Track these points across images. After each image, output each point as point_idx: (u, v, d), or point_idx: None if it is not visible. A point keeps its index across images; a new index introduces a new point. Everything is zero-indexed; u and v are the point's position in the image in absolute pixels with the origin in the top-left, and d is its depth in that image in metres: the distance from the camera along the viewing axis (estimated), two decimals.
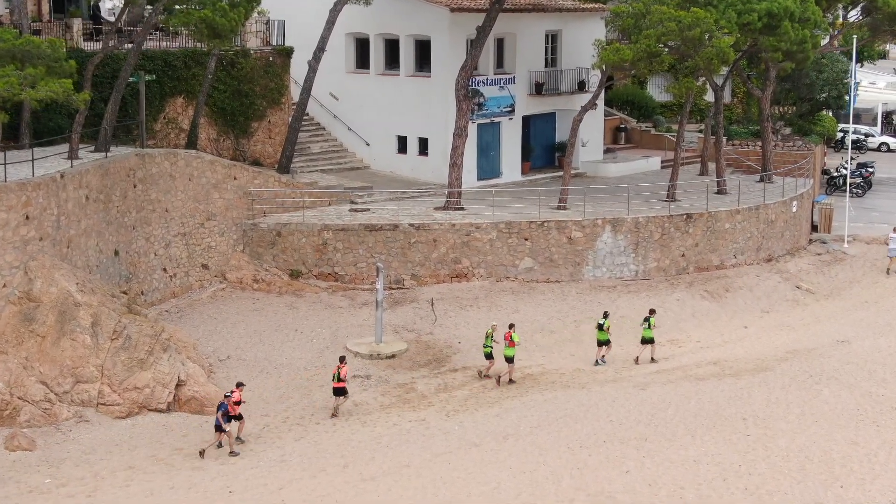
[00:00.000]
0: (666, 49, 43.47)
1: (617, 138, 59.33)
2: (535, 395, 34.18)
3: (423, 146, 48.82)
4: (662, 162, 54.77)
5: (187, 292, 39.40)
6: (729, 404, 33.04)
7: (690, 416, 32.25)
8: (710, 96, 54.22)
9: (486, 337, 35.75)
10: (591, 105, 45.15)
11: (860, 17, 53.88)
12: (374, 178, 48.13)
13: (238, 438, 29.74)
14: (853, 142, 68.44)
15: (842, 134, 72.11)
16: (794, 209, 48.01)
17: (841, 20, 54.32)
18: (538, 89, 50.35)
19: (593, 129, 53.57)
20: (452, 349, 37.90)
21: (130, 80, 39.07)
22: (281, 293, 40.40)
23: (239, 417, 29.82)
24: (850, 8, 52.42)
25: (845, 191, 57.43)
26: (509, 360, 35.30)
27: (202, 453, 29.06)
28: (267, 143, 46.43)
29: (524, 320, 39.86)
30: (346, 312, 39.29)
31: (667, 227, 43.98)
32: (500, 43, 49.34)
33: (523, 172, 51.04)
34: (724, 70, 48.94)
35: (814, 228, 51.59)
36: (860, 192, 59.12)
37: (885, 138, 76.73)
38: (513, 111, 49.78)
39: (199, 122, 42.71)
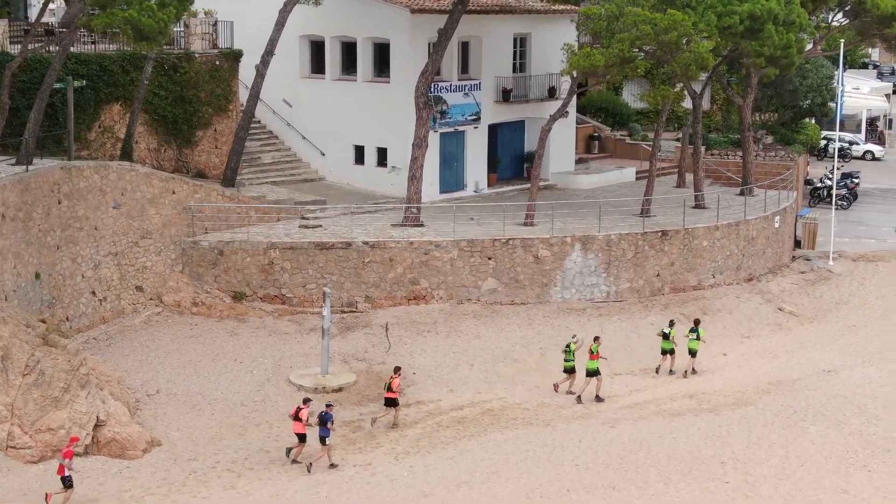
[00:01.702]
0: (641, 54, 40.45)
1: (590, 147, 56.40)
2: (494, 435, 31.15)
3: (382, 156, 45.72)
4: (638, 172, 51.87)
5: (118, 317, 36.16)
6: (706, 445, 30.12)
7: (664, 458, 29.32)
8: (688, 103, 51.33)
9: (568, 350, 34.37)
10: (562, 113, 42.19)
11: (846, 20, 51.03)
12: (329, 191, 44.98)
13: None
14: (837, 150, 65.76)
15: (825, 142, 69.46)
16: (777, 224, 45.13)
17: (827, 23, 51.38)
18: (505, 96, 47.32)
19: (565, 138, 50.61)
20: (407, 381, 34.83)
21: (57, 85, 35.88)
22: (222, 317, 37.21)
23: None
24: (837, 10, 49.47)
25: (830, 203, 54.71)
26: (592, 373, 33.77)
27: (309, 467, 28.06)
28: (213, 154, 43.24)
29: (485, 347, 36.92)
30: (291, 339, 36.15)
31: (641, 245, 41.03)
32: (464, 47, 46.32)
33: (489, 184, 48.00)
34: (703, 76, 46.04)
35: (797, 244, 48.77)
36: (845, 204, 56.33)
37: (870, 146, 74.06)
38: (478, 119, 46.76)
39: (134, 131, 39.51)
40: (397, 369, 32.45)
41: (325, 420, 28.54)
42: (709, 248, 42.28)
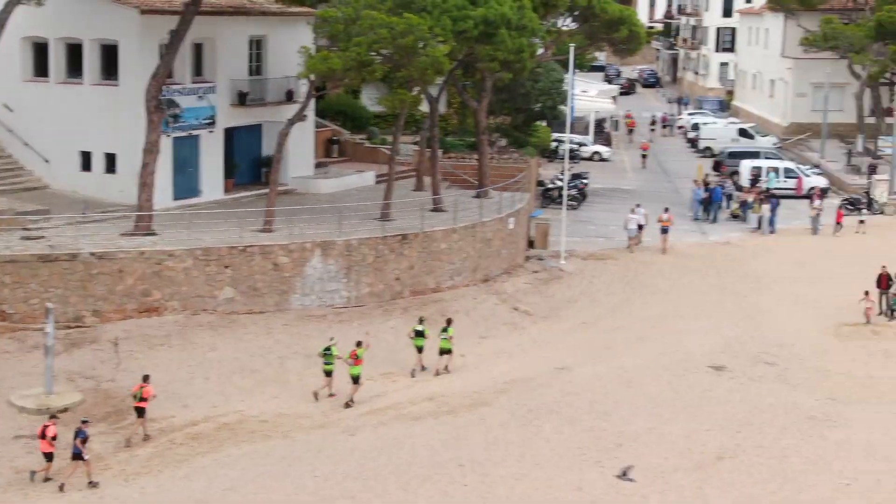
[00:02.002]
0: (378, 58, 40.36)
1: (330, 151, 56.04)
2: (230, 450, 30.28)
3: (111, 163, 43.85)
4: (377, 176, 51.88)
5: None
6: (445, 448, 30.27)
7: (404, 465, 29.26)
8: (425, 107, 51.75)
9: (326, 353, 33.96)
10: (300, 117, 41.63)
11: (576, 25, 52.72)
12: (54, 200, 42.74)
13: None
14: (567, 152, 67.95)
15: (556, 144, 71.66)
16: (511, 226, 46.13)
17: (557, 28, 52.91)
18: (242, 99, 46.33)
19: (303, 142, 50.02)
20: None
21: None
22: None
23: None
24: (567, 15, 51.03)
25: (560, 203, 56.37)
26: (356, 379, 33.60)
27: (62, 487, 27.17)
28: None
29: (222, 359, 35.93)
30: (13, 358, 34.08)
31: (381, 250, 41.02)
32: (197, 48, 45.01)
33: (226, 190, 46.91)
34: (440, 80, 46.54)
35: (530, 244, 50.02)
36: (575, 204, 58.26)
37: (598, 147, 76.99)
38: (213, 123, 45.58)
39: None
40: (146, 378, 31.43)
41: (79, 436, 27.75)
42: (447, 250, 42.73)
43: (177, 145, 44.32)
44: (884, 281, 41.44)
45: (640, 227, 51.21)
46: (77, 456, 27.71)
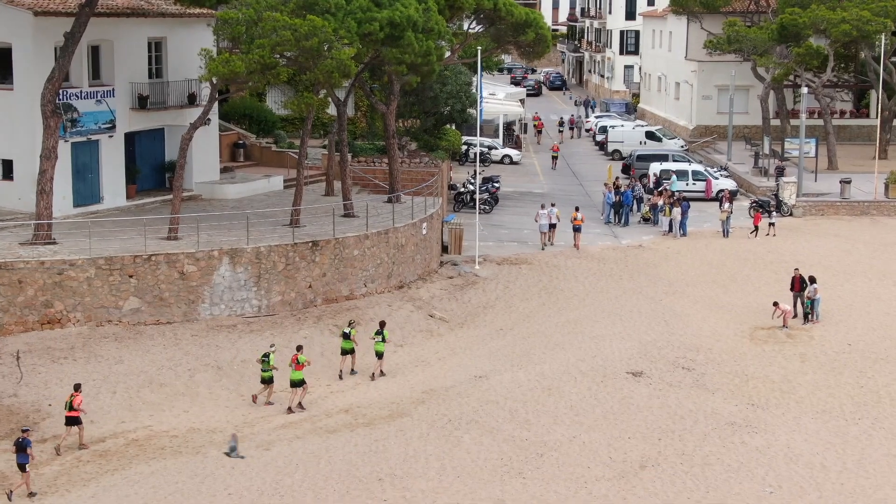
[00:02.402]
0: (283, 60, 39.24)
1: (235, 155, 54.69)
2: (140, 467, 29.05)
3: (8, 169, 42.01)
4: (285, 181, 50.74)
5: None
6: (363, 462, 29.34)
7: (321, 479, 28.30)
8: (332, 110, 50.77)
9: (264, 360, 33.65)
10: (203, 121, 40.33)
11: (482, 28, 52.13)
12: None
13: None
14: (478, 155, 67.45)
15: (466, 147, 71.17)
16: (424, 231, 45.33)
17: (464, 30, 52.26)
18: (142, 103, 44.79)
19: (208, 147, 48.65)
20: (42, 413, 32.02)
21: None
22: None
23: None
24: (473, 18, 50.36)
25: (473, 207, 55.78)
26: (297, 384, 33.44)
27: (9, 496, 26.97)
28: None
29: (129, 372, 34.61)
30: None
31: (291, 257, 39.91)
32: (95, 51, 43.39)
33: (129, 196, 45.32)
34: (347, 83, 45.57)
35: (444, 250, 49.28)
36: (487, 208, 57.69)
37: (508, 150, 76.64)
38: (113, 128, 43.98)
39: None
40: (77, 386, 30.86)
41: (23, 446, 27.65)
42: (360, 257, 41.78)
43: (76, 151, 42.71)
44: (797, 283, 41.50)
45: (553, 225, 51.65)
46: (22, 466, 27.69)
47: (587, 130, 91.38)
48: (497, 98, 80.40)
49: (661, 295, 44.68)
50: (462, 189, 59.03)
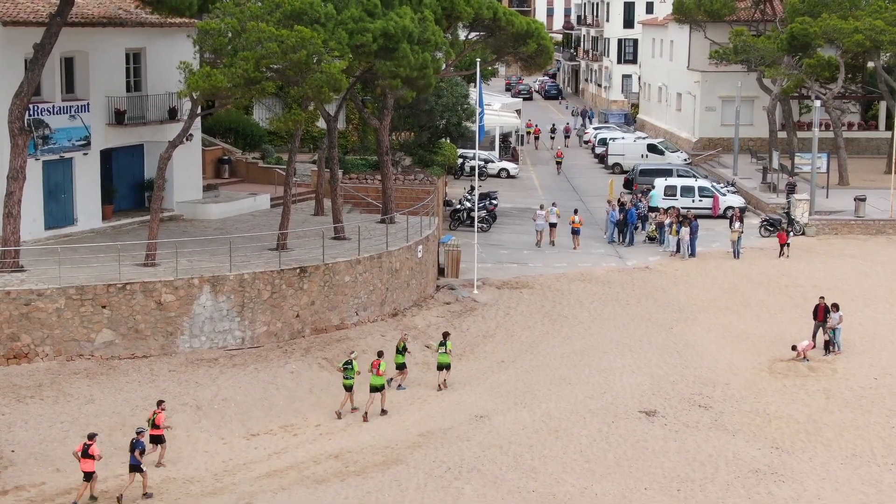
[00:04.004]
0: (269, 73, 36.49)
1: (220, 171, 51.93)
2: None
3: None
4: (273, 200, 48.04)
5: None
6: None
7: None
8: (322, 123, 48.05)
9: (347, 367, 33.08)
10: (182, 139, 37.63)
11: (481, 38, 49.45)
12: None
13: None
14: (473, 169, 64.92)
15: (462, 160, 68.60)
16: (420, 255, 42.65)
17: (462, 40, 49.58)
18: (119, 118, 42.04)
19: (190, 163, 45.94)
20: (4, 461, 29.22)
21: None
22: None
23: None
24: (472, 28, 47.67)
25: (470, 225, 53.22)
26: (376, 389, 32.97)
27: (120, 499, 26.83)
28: None
29: (100, 413, 31.90)
30: None
31: (278, 284, 37.22)
32: (68, 63, 40.70)
33: (105, 217, 42.57)
34: (338, 97, 42.85)
35: (441, 273, 46.60)
36: (485, 226, 55.00)
37: (505, 164, 74.04)
38: (88, 144, 41.26)
39: None
40: (160, 403, 29.92)
41: (134, 448, 27.72)
42: (351, 283, 39.11)
43: (47, 170, 40.02)
44: (821, 313, 38.79)
45: (553, 224, 53.09)
46: (135, 468, 27.64)
47: (586, 142, 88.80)
48: (493, 109, 77.75)
49: (671, 322, 42.06)
50: (458, 206, 56.38)
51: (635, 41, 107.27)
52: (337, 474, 29.27)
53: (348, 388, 33.32)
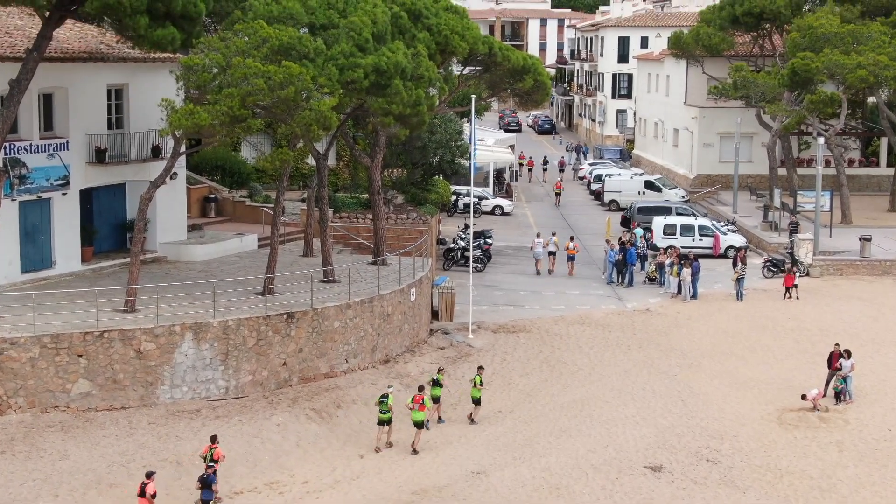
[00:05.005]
0: (255, 111, 34.86)
1: (206, 210, 50.26)
2: None
3: None
4: (260, 240, 46.38)
5: None
6: None
7: None
8: (311, 160, 46.42)
9: (382, 401, 32.67)
10: (164, 179, 36.01)
11: (476, 73, 48.01)
12: None
13: None
14: (466, 206, 63.40)
15: (455, 197, 67.10)
16: (413, 297, 40.97)
17: (456, 76, 48.10)
18: (100, 156, 40.34)
19: (175, 203, 44.26)
20: None
21: None
22: None
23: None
24: (466, 63, 46.19)
25: (463, 265, 51.67)
26: (419, 425, 32.89)
27: None
28: None
29: (75, 470, 30.10)
30: None
31: (263, 331, 35.50)
32: (47, 100, 39.06)
33: (84, 260, 40.85)
34: (328, 135, 41.29)
35: (434, 316, 44.89)
36: (480, 266, 53.31)
37: (499, 201, 72.50)
38: (67, 184, 39.55)
39: None
40: (214, 438, 29.65)
41: (208, 483, 27.95)
42: (341, 329, 37.40)
43: (24, 210, 38.29)
44: (835, 360, 37.12)
45: (552, 253, 54.68)
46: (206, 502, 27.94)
47: (581, 178, 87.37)
48: (486, 144, 76.27)
49: (674, 369, 40.39)
50: (452, 245, 54.76)
51: (630, 76, 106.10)
52: None
53: (382, 423, 32.94)
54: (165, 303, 35.49)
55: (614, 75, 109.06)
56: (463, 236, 54.62)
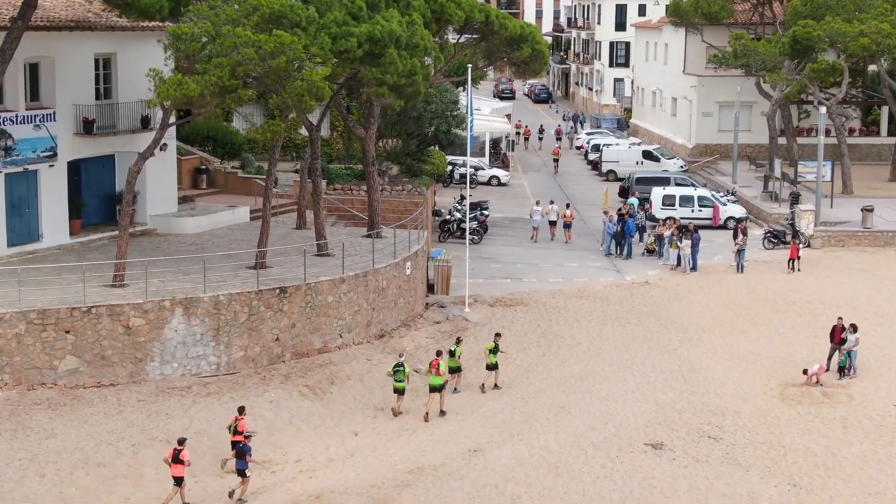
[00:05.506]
0: (246, 81, 33.94)
1: (197, 182, 49.34)
2: None
3: None
4: (252, 212, 45.57)
5: None
6: None
7: None
8: (305, 130, 45.50)
9: (398, 369, 32.83)
10: (153, 151, 35.11)
11: (472, 42, 46.99)
12: None
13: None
14: (462, 176, 62.57)
15: (451, 168, 66.22)
16: (409, 271, 40.21)
17: (451, 44, 47.08)
18: (88, 127, 39.43)
19: (165, 174, 43.42)
20: None
21: None
22: None
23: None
24: (462, 31, 45.17)
25: (459, 237, 50.91)
26: (436, 389, 32.99)
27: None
28: None
29: (62, 449, 29.42)
30: None
31: (256, 306, 34.75)
32: (33, 70, 38.08)
33: (73, 233, 40.02)
34: (321, 106, 40.37)
35: (430, 289, 44.13)
36: (476, 238, 52.51)
37: (496, 171, 71.61)
38: (54, 156, 38.66)
39: None
40: (241, 409, 29.56)
41: (243, 452, 27.62)
42: (335, 304, 36.65)
43: (10, 183, 37.45)
44: (838, 334, 36.42)
45: (553, 222, 54.89)
46: (241, 472, 27.67)
47: (578, 148, 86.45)
48: (482, 114, 75.29)
49: (674, 343, 39.69)
50: (448, 216, 53.95)
51: (627, 44, 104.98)
52: None
53: (398, 392, 33.05)
54: (155, 277, 34.72)
55: (611, 43, 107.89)
56: (459, 208, 53.81)
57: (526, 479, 28.80)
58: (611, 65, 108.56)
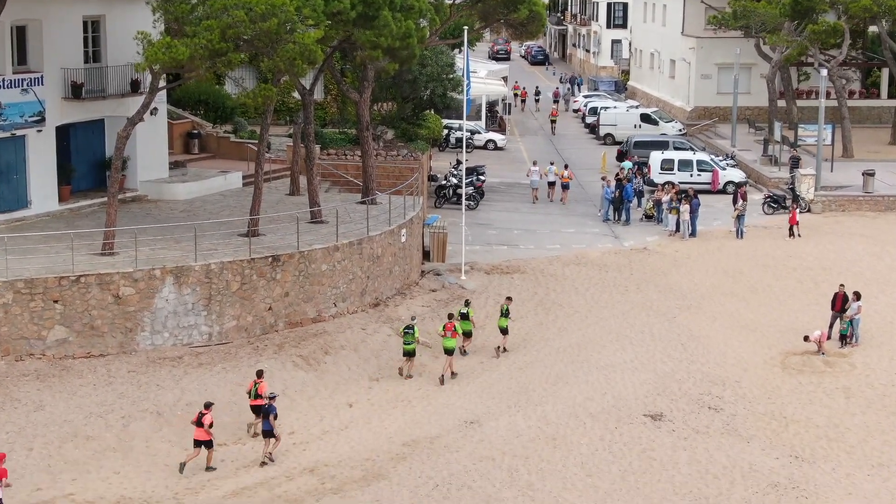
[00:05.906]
0: (237, 44, 33.08)
1: (189, 146, 48.53)
2: None
3: None
4: (245, 178, 44.85)
5: None
6: None
7: None
8: (298, 94, 44.66)
9: (407, 332, 32.94)
10: (141, 117, 34.33)
11: (468, 3, 46.14)
12: None
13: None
14: (458, 140, 61.76)
15: (447, 131, 65.37)
16: (404, 239, 39.56)
17: (447, 4, 46.19)
18: (77, 92, 38.61)
19: (156, 139, 42.66)
20: None
21: None
22: None
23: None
24: None
25: (455, 202, 50.21)
26: (450, 352, 33.16)
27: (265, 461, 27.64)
28: None
29: (50, 422, 28.96)
30: None
31: (248, 274, 34.11)
32: (20, 33, 37.23)
33: (62, 199, 39.30)
34: (313, 70, 39.55)
35: (426, 256, 43.51)
36: (473, 204, 51.79)
37: (492, 135, 70.78)
38: (42, 120, 37.87)
39: None
40: (260, 373, 29.65)
41: (267, 413, 27.80)
42: (329, 272, 36.02)
43: None
44: (839, 302, 35.85)
45: (552, 183, 54.81)
46: (268, 433, 27.80)
47: (575, 111, 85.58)
48: (478, 76, 74.36)
49: (673, 311, 39.15)
50: (444, 182, 53.22)
51: (625, 5, 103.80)
52: (311, 492, 26.38)
53: (407, 354, 33.10)
54: (145, 245, 34.09)
55: (609, 4, 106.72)
56: (455, 173, 53.07)
57: (523, 452, 28.32)
58: (608, 26, 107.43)
